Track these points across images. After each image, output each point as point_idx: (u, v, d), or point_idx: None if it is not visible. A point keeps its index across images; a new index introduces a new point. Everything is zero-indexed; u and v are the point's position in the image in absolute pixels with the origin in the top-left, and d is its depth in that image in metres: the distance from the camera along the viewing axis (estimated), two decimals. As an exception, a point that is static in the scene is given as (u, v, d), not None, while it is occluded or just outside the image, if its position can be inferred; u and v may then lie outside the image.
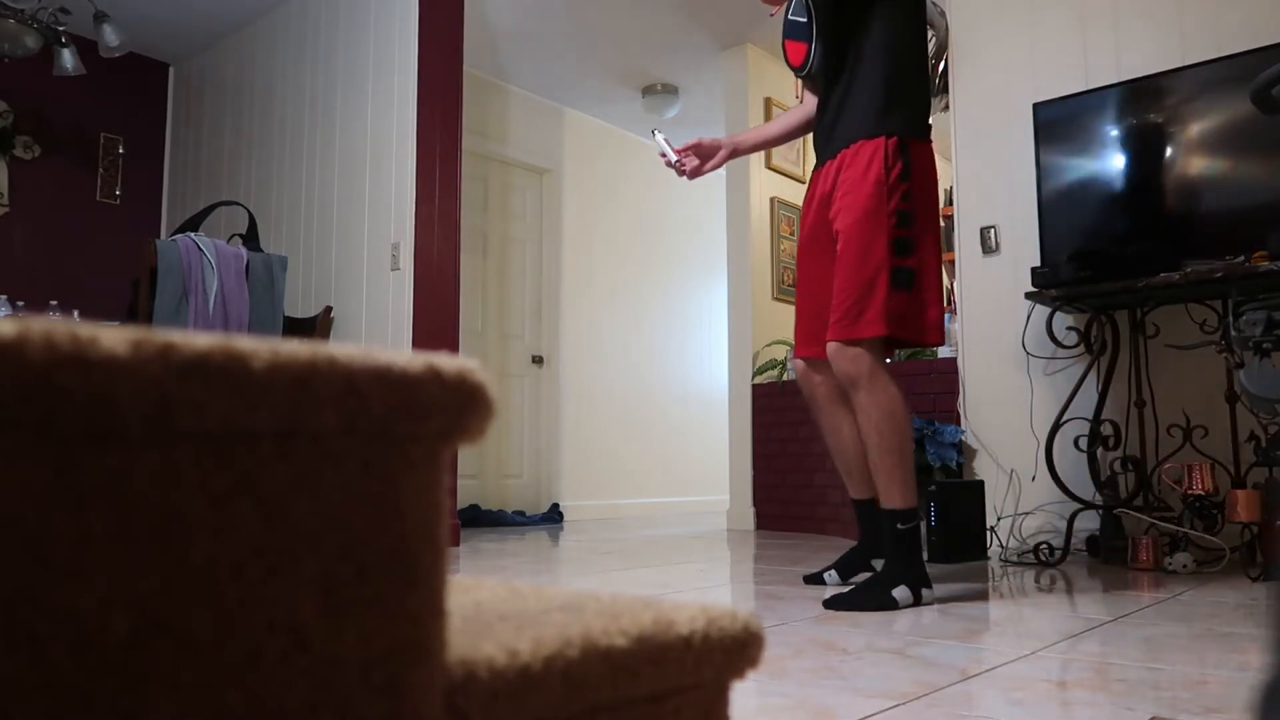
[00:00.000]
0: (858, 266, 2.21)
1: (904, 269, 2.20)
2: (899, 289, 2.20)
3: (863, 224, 2.22)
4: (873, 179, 2.22)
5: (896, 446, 2.20)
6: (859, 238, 2.22)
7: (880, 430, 2.20)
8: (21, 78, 4.81)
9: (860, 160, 2.26)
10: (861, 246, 2.21)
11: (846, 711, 1.23)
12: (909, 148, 2.25)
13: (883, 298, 2.18)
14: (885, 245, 2.20)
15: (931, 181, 2.30)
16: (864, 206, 2.23)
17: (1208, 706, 1.24)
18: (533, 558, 3.54)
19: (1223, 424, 3.00)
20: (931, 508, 3.16)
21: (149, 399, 0.32)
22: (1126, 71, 3.38)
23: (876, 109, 2.27)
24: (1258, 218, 2.86)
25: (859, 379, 2.21)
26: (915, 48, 2.34)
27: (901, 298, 2.20)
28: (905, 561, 2.20)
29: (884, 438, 2.20)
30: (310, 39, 4.62)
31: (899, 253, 2.20)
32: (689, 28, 5.15)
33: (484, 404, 0.42)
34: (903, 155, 2.24)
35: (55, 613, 0.31)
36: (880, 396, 2.20)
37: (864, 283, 2.20)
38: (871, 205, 2.22)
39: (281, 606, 0.36)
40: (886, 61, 2.29)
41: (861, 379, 2.20)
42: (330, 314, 4.16)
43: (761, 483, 5.01)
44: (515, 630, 0.48)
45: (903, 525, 2.21)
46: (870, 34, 2.30)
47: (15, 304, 4.30)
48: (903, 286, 2.20)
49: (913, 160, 2.25)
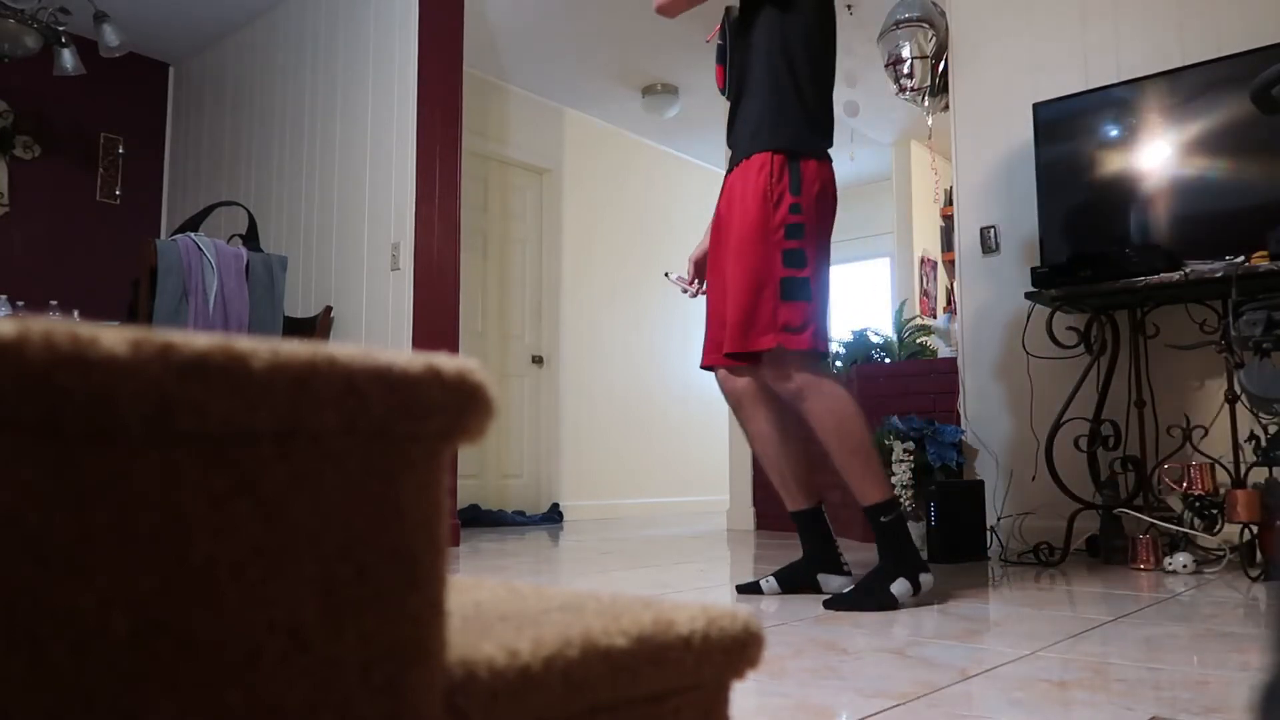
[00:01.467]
0: (746, 280, 2.21)
1: (795, 280, 2.19)
2: (790, 300, 2.18)
3: (749, 237, 2.22)
4: (759, 193, 2.22)
5: (858, 445, 2.21)
6: (746, 251, 2.22)
7: (838, 434, 2.21)
8: (21, 78, 4.81)
9: (749, 175, 2.26)
10: (748, 260, 2.21)
11: (846, 711, 1.23)
12: (798, 162, 2.24)
13: (771, 309, 2.18)
14: (773, 258, 2.19)
15: (827, 195, 2.28)
16: (750, 220, 2.22)
17: (1208, 706, 1.24)
18: (533, 558, 3.54)
19: (1223, 424, 3.00)
20: (931, 508, 3.16)
21: (149, 399, 0.32)
22: (1126, 71, 3.38)
23: (764, 124, 2.27)
24: (1258, 218, 2.86)
25: (800, 391, 2.21)
26: (811, 63, 2.32)
27: (793, 308, 2.19)
28: (897, 554, 2.19)
29: (843, 440, 2.20)
30: (310, 39, 4.62)
31: (789, 264, 2.19)
32: (689, 28, 5.14)
33: (484, 404, 0.42)
34: (791, 169, 2.23)
35: (55, 613, 0.31)
36: (828, 401, 2.20)
37: (752, 296, 2.20)
38: (757, 219, 2.21)
39: (281, 606, 0.36)
40: (776, 78, 2.28)
41: (803, 390, 2.21)
42: (330, 314, 4.16)
43: (761, 483, 5.00)
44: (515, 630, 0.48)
45: (885, 518, 2.21)
46: (761, 52, 2.30)
47: (15, 304, 4.30)
48: (794, 297, 2.19)
49: (803, 174, 2.23)
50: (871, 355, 4.42)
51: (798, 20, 2.30)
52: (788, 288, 2.18)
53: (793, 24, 2.30)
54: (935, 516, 3.15)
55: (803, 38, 2.30)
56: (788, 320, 2.18)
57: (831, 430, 2.21)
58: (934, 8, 4.16)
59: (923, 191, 6.82)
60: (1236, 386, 2.90)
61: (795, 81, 2.29)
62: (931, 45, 4.12)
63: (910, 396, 3.95)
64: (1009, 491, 3.51)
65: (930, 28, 4.12)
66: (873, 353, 4.43)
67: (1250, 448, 2.79)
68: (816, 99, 2.32)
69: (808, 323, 2.19)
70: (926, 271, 6.81)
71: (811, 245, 2.22)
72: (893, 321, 4.53)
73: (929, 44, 4.13)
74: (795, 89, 2.28)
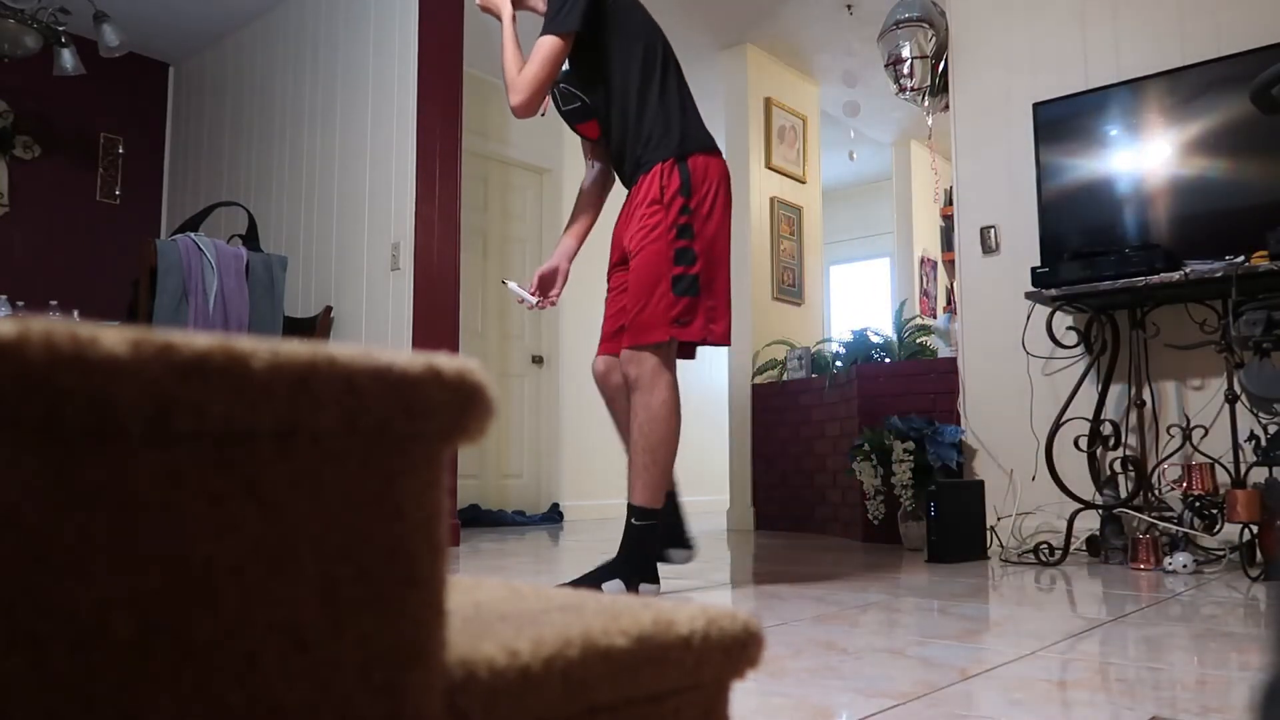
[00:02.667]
0: (642, 278, 2.40)
1: (686, 276, 2.36)
2: (682, 295, 2.36)
3: (644, 239, 2.41)
4: (651, 198, 2.42)
5: (653, 447, 2.35)
6: (641, 252, 2.41)
7: (644, 430, 2.35)
8: (21, 78, 4.81)
9: (644, 187, 2.45)
10: (644, 259, 2.40)
11: (846, 711, 1.23)
12: (685, 164, 2.43)
13: (665, 305, 2.35)
14: (666, 256, 2.37)
15: (718, 192, 2.46)
16: (645, 223, 2.41)
17: (1208, 706, 1.24)
18: (533, 558, 3.54)
19: (1223, 424, 3.00)
20: (931, 508, 3.16)
21: (149, 399, 0.32)
22: (1126, 71, 3.38)
23: (651, 142, 2.46)
24: (1258, 218, 2.86)
25: (639, 380, 2.37)
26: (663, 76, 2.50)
27: (684, 303, 2.36)
28: (631, 557, 2.34)
29: (645, 437, 2.35)
30: (310, 39, 4.62)
31: (680, 262, 2.37)
32: (689, 28, 5.15)
33: (484, 404, 0.42)
34: (680, 172, 2.42)
35: (55, 613, 0.31)
36: (653, 399, 2.35)
37: (647, 292, 2.38)
38: (651, 222, 2.40)
39: (281, 607, 0.36)
40: (642, 99, 2.48)
41: (642, 380, 2.36)
42: (330, 314, 4.16)
43: (761, 483, 5.01)
44: (515, 630, 0.48)
45: (638, 521, 2.35)
46: (617, 88, 2.50)
47: (15, 304, 4.30)
48: (685, 293, 2.35)
49: (691, 174, 2.42)
50: (871, 355, 4.42)
51: (631, 44, 2.51)
52: (678, 283, 2.36)
53: (627, 49, 2.50)
54: (935, 516, 3.15)
55: (641, 57, 2.50)
56: (678, 314, 2.35)
57: (640, 423, 2.36)
58: (934, 8, 4.16)
59: (923, 191, 6.82)
60: (1236, 386, 2.90)
61: (660, 94, 2.49)
62: (931, 45, 4.12)
63: (910, 396, 3.95)
64: (1009, 491, 3.51)
65: (930, 28, 4.12)
66: (873, 353, 4.43)
67: (1250, 448, 2.78)
68: (680, 104, 2.51)
69: (696, 315, 2.37)
70: (926, 271, 6.81)
71: (701, 243, 2.40)
72: (893, 321, 4.53)
73: (929, 44, 4.13)
74: (661, 100, 2.49)
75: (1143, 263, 2.93)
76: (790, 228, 5.49)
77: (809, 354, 4.85)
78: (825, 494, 4.53)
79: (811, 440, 4.67)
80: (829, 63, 5.60)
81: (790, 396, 4.86)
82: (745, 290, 5.21)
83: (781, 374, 5.02)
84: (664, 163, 2.43)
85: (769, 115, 5.44)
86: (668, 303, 2.35)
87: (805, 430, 4.72)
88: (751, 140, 5.33)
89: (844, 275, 8.18)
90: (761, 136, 5.40)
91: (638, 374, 2.36)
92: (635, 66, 2.49)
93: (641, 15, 2.56)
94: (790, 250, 5.47)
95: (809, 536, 4.41)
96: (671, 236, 2.38)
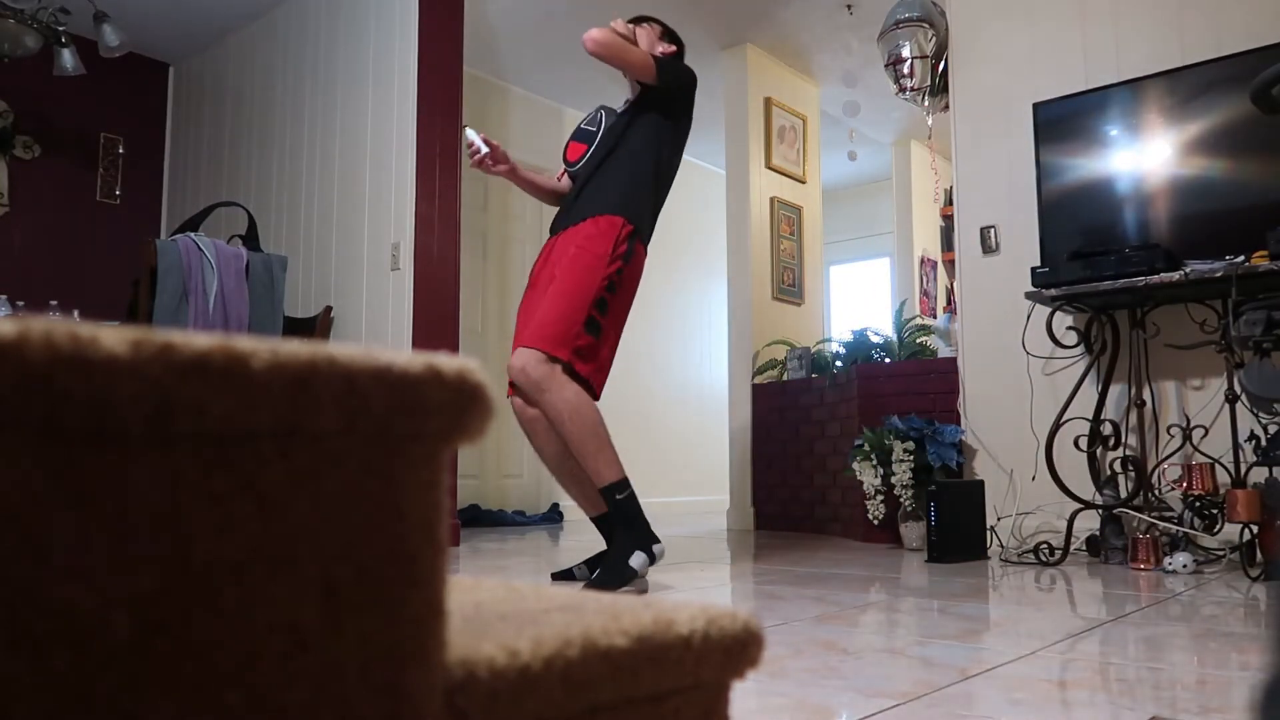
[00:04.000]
0: (567, 298, 2.55)
1: (596, 321, 2.57)
2: (589, 333, 2.56)
3: (582, 267, 2.57)
4: (607, 241, 2.60)
5: (590, 431, 2.48)
6: (577, 277, 2.56)
7: (570, 421, 2.47)
8: (21, 78, 4.81)
9: (599, 226, 2.62)
10: (575, 284, 2.55)
11: (846, 711, 1.23)
12: (635, 241, 2.65)
13: (577, 331, 2.53)
14: (592, 296, 2.56)
15: (637, 276, 2.69)
16: (590, 255, 2.58)
17: (1208, 706, 1.24)
18: (533, 558, 3.54)
19: (1223, 424, 3.00)
20: (931, 508, 3.16)
21: (149, 399, 0.32)
22: (1126, 71, 3.38)
23: (621, 194, 2.66)
24: (1258, 217, 2.86)
25: (541, 381, 2.49)
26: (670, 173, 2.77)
27: (587, 341, 2.56)
28: (631, 529, 2.47)
29: (577, 427, 2.47)
30: (310, 39, 4.62)
31: (597, 308, 2.57)
32: (689, 28, 5.14)
33: (484, 404, 0.42)
34: (629, 244, 2.63)
35: (55, 613, 0.31)
36: (565, 392, 2.48)
37: (568, 312, 2.53)
38: (596, 260, 2.57)
39: (281, 606, 0.36)
40: (642, 173, 2.70)
41: (544, 381, 2.49)
42: (330, 314, 4.16)
43: (761, 483, 5.01)
44: (515, 630, 0.48)
45: (619, 495, 2.50)
46: (635, 150, 2.72)
47: (15, 304, 4.29)
48: (591, 333, 2.56)
49: (635, 251, 2.65)
50: (871, 355, 4.42)
51: (678, 131, 2.78)
52: (591, 323, 2.56)
53: (672, 134, 2.77)
54: (935, 516, 3.15)
55: (672, 144, 2.77)
56: (582, 347, 2.55)
57: (567, 417, 2.47)
58: (934, 8, 4.16)
59: (923, 191, 6.82)
60: (1236, 386, 2.90)
61: (655, 182, 2.73)
62: (931, 45, 4.12)
63: (910, 396, 3.95)
64: (1009, 491, 3.51)
65: (930, 28, 4.12)
66: (873, 353, 4.43)
67: (1250, 448, 2.79)
68: (657, 203, 2.77)
69: (592, 359, 2.57)
70: (926, 271, 6.81)
71: (615, 305, 2.62)
72: (893, 321, 4.52)
73: (929, 44, 4.12)
74: (653, 188, 2.73)
75: (1143, 263, 2.93)
76: (790, 228, 5.49)
77: (809, 354, 4.85)
78: (825, 494, 4.53)
79: (811, 440, 4.67)
80: (829, 63, 5.60)
81: (790, 396, 4.86)
82: (745, 290, 5.21)
83: (781, 374, 5.02)
84: (626, 226, 2.62)
85: (769, 115, 5.44)
86: (577, 330, 2.53)
87: (805, 430, 4.72)
88: (751, 140, 5.33)
89: (844, 275, 8.18)
90: (761, 136, 5.40)
91: (539, 375, 2.49)
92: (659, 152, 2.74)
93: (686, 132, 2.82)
94: (790, 250, 5.47)
95: (809, 536, 4.41)
96: (603, 285, 2.56)
